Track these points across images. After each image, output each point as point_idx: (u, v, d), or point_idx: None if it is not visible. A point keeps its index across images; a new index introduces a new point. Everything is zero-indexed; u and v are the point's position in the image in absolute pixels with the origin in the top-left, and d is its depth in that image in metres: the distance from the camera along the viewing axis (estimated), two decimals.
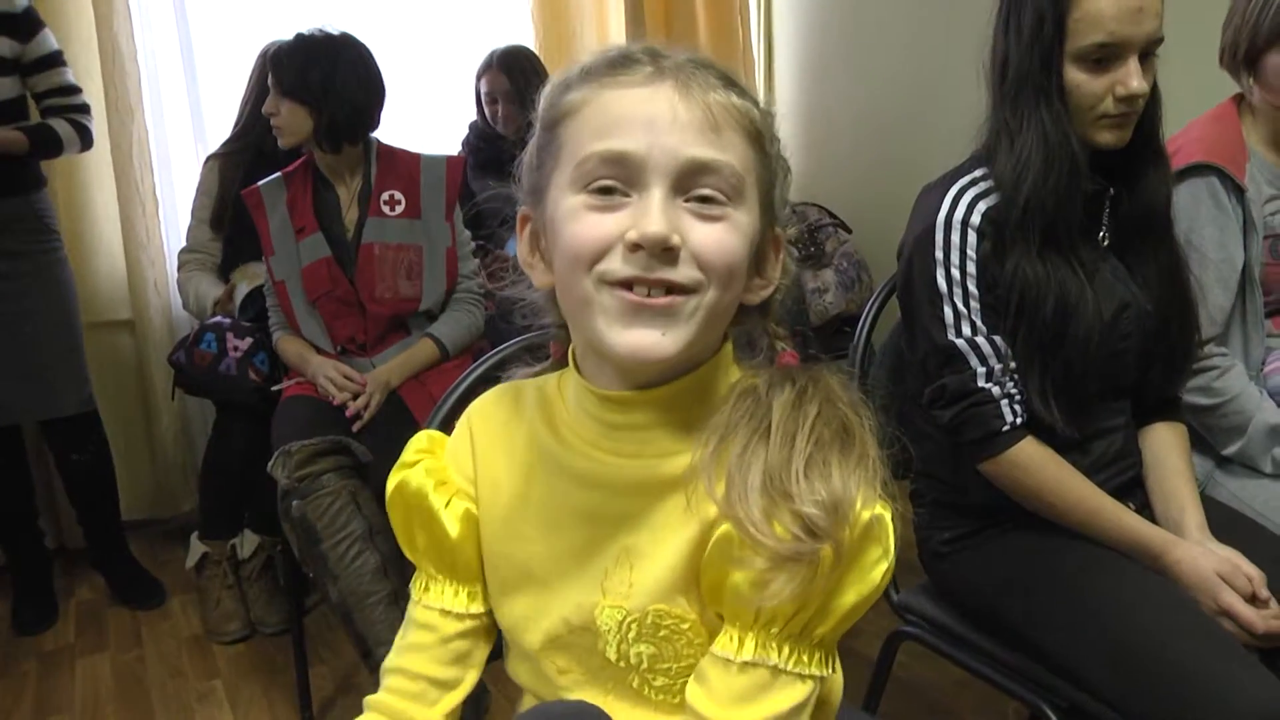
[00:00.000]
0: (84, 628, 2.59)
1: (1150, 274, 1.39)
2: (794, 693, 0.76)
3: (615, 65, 0.77)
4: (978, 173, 1.36)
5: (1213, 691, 1.09)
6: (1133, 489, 1.41)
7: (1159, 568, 1.27)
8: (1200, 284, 1.48)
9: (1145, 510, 1.39)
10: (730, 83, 0.78)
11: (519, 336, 1.18)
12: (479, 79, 3.02)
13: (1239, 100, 1.66)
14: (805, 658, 0.77)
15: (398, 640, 0.94)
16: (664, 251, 0.73)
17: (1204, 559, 1.25)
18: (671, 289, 0.74)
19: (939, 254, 1.32)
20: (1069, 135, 1.29)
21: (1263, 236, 1.60)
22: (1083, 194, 1.31)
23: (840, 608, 0.75)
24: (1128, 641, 1.18)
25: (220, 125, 2.90)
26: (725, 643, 0.77)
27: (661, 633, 0.81)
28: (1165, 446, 1.43)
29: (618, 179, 0.74)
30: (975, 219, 1.31)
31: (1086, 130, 1.30)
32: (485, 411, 0.93)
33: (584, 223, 0.75)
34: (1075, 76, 1.28)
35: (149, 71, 2.95)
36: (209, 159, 2.68)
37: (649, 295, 0.74)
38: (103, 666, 2.39)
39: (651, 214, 0.73)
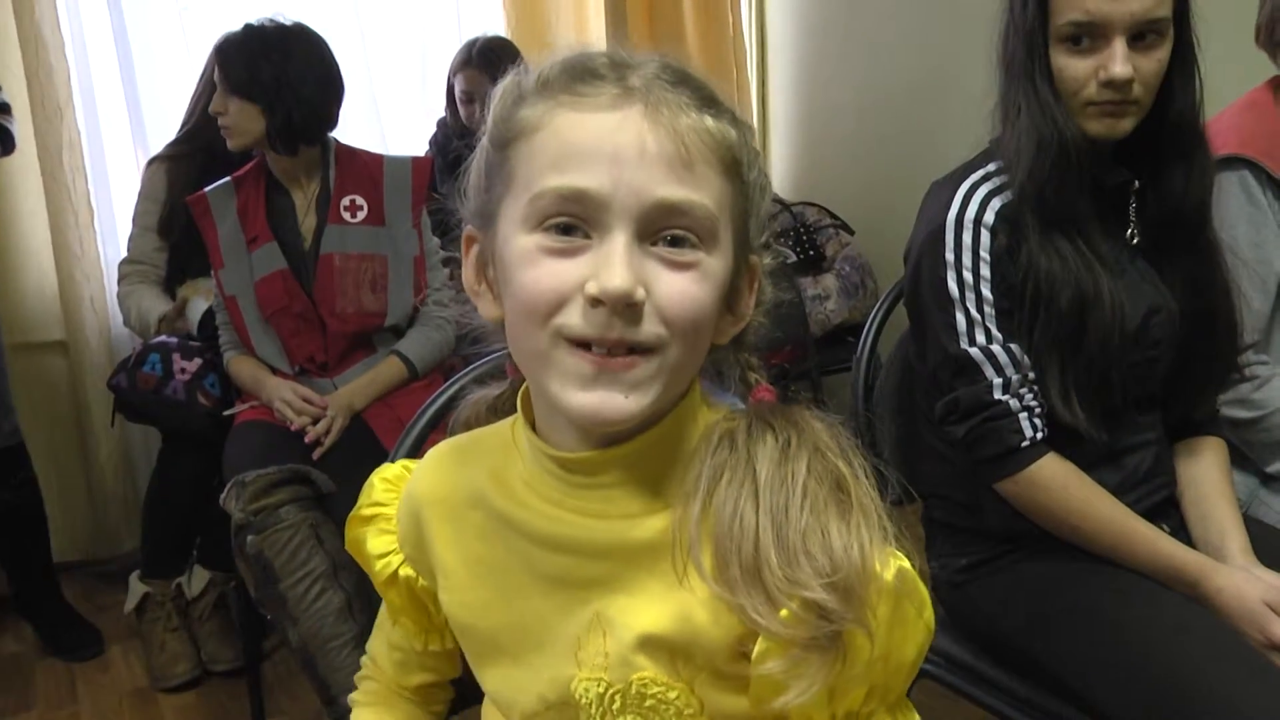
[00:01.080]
0: (8, 685, 2.57)
1: (1182, 276, 1.40)
2: None
3: (575, 78, 0.75)
4: (990, 167, 1.37)
5: None
6: (1166, 510, 1.42)
7: (1198, 596, 1.27)
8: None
9: (1180, 533, 1.40)
10: (706, 101, 0.76)
11: (476, 362, 1.18)
12: (454, 74, 3.02)
13: (1276, 85, 1.68)
14: None
15: (376, 643, 1.04)
16: (627, 307, 0.71)
17: (1249, 586, 1.25)
18: (632, 349, 0.73)
19: (950, 255, 1.34)
20: (1056, 120, 1.31)
21: None
22: (1086, 184, 1.33)
23: (904, 664, 0.77)
24: (1165, 679, 1.18)
25: (162, 124, 2.90)
26: None
27: (648, 703, 0.81)
28: (1202, 463, 1.45)
29: (577, 217, 0.72)
30: (989, 217, 1.33)
31: (1078, 117, 1.32)
32: (427, 483, 0.93)
33: (540, 270, 0.73)
34: (1059, 59, 1.31)
35: (79, 65, 2.94)
36: (153, 161, 2.69)
37: (609, 354, 0.72)
38: None
39: (614, 264, 0.70)
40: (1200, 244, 1.41)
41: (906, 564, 0.76)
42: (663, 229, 0.73)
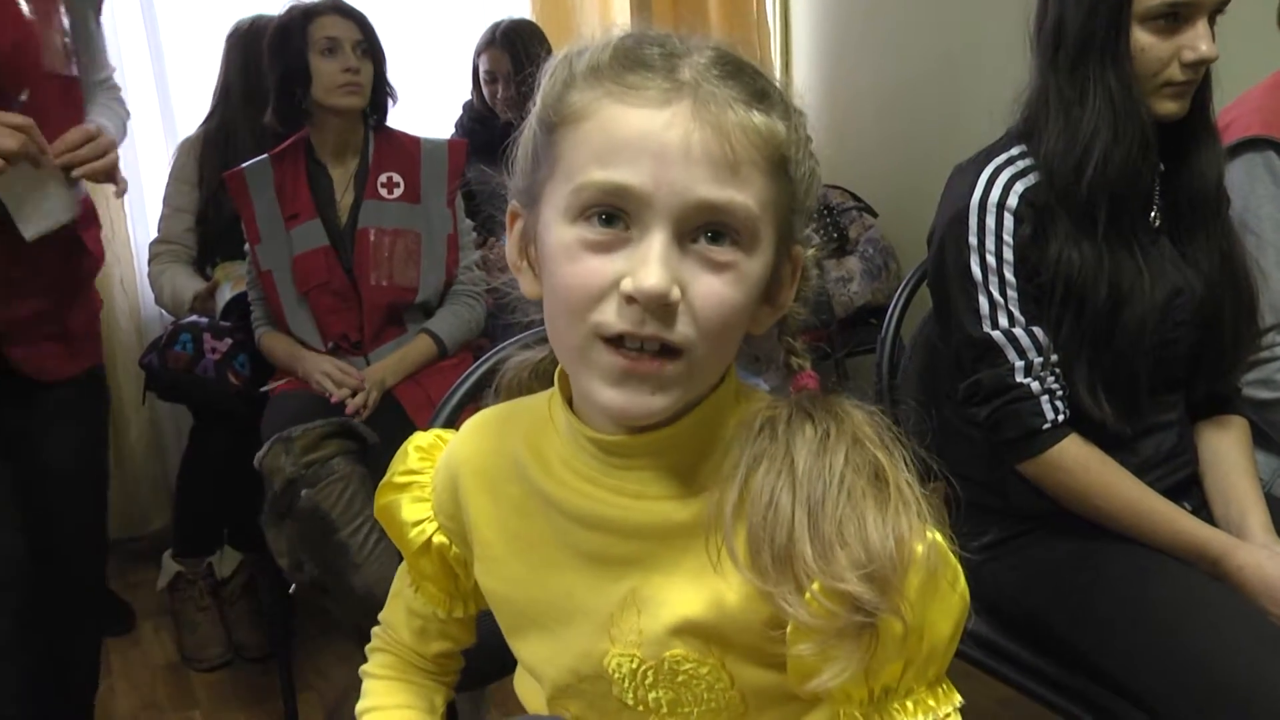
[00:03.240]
0: None
1: (1201, 258, 1.41)
2: None
3: (626, 67, 0.74)
4: (1014, 151, 1.37)
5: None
6: (1188, 489, 1.43)
7: (1220, 573, 1.29)
8: (1259, 268, 1.50)
9: (1202, 512, 1.41)
10: (757, 95, 0.75)
11: (518, 335, 1.19)
12: (478, 55, 3.04)
13: None
14: (933, 702, 0.79)
15: (392, 612, 1.05)
16: (661, 307, 0.72)
17: (1271, 564, 1.27)
18: (663, 346, 0.73)
19: (973, 239, 1.34)
20: (1139, 103, 1.30)
21: None
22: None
23: (941, 640, 0.77)
24: (1187, 655, 1.19)
25: (190, 107, 2.93)
26: None
27: (680, 678, 0.83)
28: (1224, 442, 1.45)
29: (618, 209, 0.73)
30: (1012, 201, 1.33)
31: (1148, 99, 1.32)
32: (466, 453, 0.94)
33: (579, 266, 0.74)
34: (1142, 39, 1.29)
35: (110, 49, 2.95)
36: (185, 142, 2.72)
37: (641, 350, 0.73)
38: None
39: (650, 264, 0.71)
40: (1218, 225, 1.42)
41: (939, 538, 0.76)
42: (703, 227, 0.73)
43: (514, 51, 2.90)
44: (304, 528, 1.84)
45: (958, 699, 0.80)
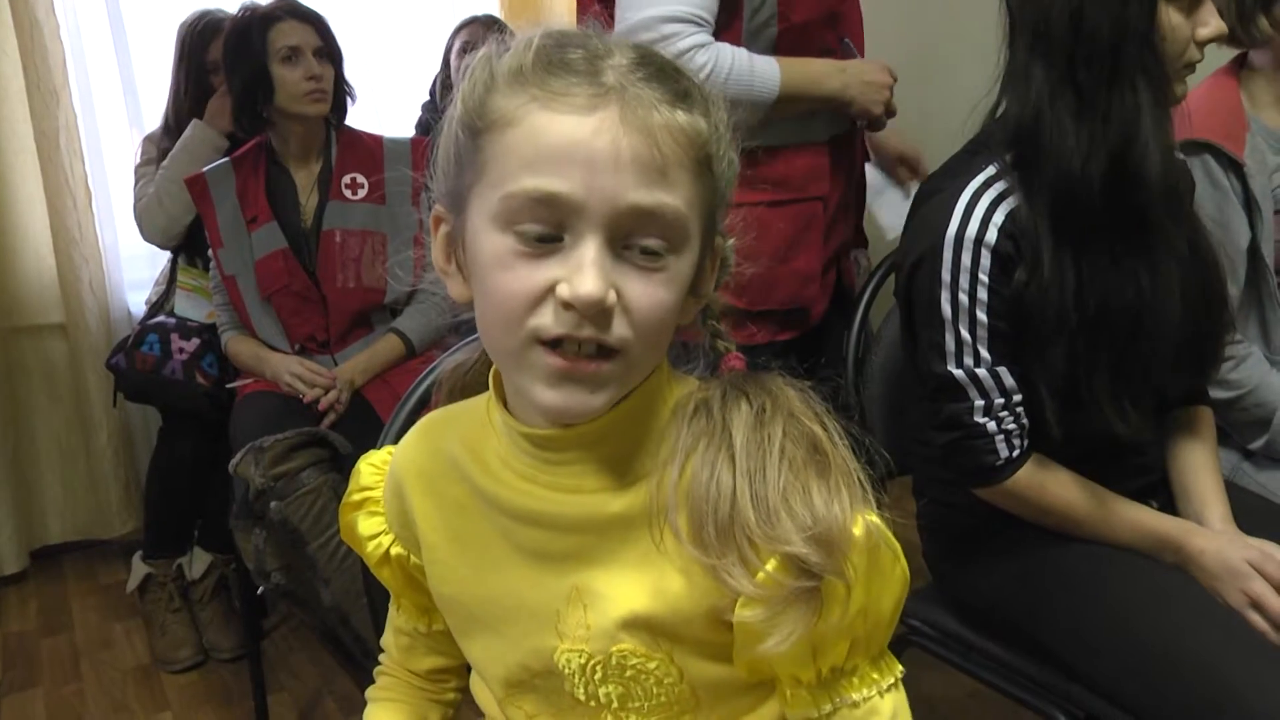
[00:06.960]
0: (13, 662, 2.59)
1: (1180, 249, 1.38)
2: (887, 706, 0.82)
3: (549, 71, 0.73)
4: (991, 170, 1.30)
5: (1236, 692, 1.11)
6: (1156, 489, 1.43)
7: (1182, 560, 1.29)
8: None
9: (1169, 509, 1.40)
10: (679, 95, 0.75)
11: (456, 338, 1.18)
12: (455, 34, 3.07)
13: (1239, 65, 1.68)
14: (876, 675, 0.82)
15: (387, 632, 1.07)
16: (599, 312, 0.72)
17: (1230, 547, 1.27)
18: (600, 347, 0.74)
19: (946, 276, 1.29)
20: (1172, 89, 1.26)
21: (1275, 211, 1.61)
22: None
23: (883, 616, 0.79)
24: (1148, 645, 1.20)
25: (157, 106, 2.90)
26: (801, 704, 0.81)
27: (628, 673, 0.83)
28: (1188, 436, 1.45)
29: (549, 221, 0.72)
30: (991, 236, 1.26)
31: (1173, 83, 1.28)
32: (407, 459, 0.94)
33: (513, 274, 0.73)
34: (1171, 19, 1.24)
35: (74, 48, 2.94)
36: (150, 135, 2.71)
37: (579, 352, 0.73)
38: (35, 704, 2.39)
39: (585, 270, 0.71)
40: (1190, 215, 1.39)
41: (876, 518, 0.77)
42: (634, 232, 0.73)
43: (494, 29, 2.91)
44: (273, 537, 1.83)
45: (899, 669, 0.83)
